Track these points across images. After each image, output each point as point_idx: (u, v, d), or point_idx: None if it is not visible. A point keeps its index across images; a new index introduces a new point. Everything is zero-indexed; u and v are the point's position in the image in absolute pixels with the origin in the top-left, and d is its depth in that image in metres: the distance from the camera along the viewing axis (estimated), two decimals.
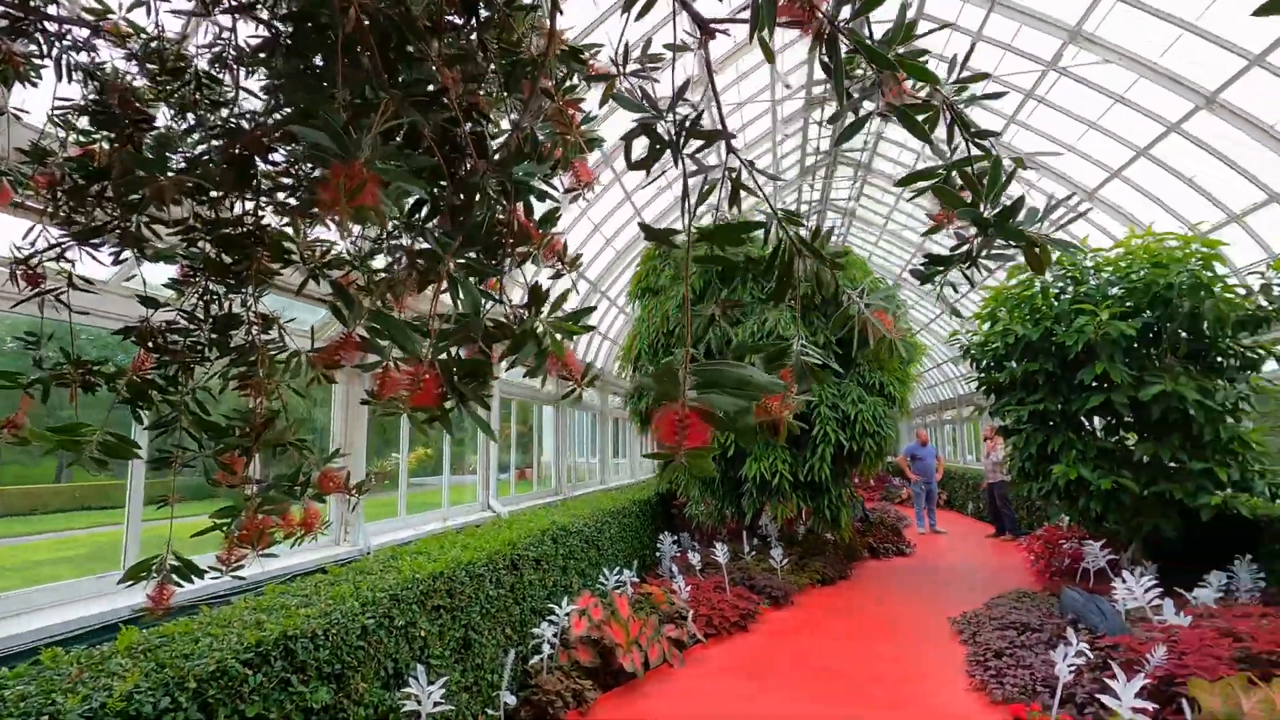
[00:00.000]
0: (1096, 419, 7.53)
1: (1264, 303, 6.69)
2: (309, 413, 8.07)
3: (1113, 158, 9.33)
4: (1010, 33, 8.58)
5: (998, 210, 0.85)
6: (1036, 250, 0.87)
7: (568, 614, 5.21)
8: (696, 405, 0.76)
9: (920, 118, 0.98)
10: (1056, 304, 7.41)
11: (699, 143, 1.07)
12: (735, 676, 5.43)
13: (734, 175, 1.22)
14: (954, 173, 1.04)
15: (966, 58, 1.01)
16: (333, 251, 1.98)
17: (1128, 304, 7.03)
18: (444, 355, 1.03)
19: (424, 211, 1.43)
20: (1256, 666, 4.17)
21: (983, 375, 8.32)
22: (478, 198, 1.20)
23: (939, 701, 4.89)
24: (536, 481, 10.91)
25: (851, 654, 5.92)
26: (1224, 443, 6.61)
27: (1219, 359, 6.96)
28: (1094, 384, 7.05)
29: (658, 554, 8.81)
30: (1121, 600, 5.67)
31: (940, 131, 1.16)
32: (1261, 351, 6.87)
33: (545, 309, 1.06)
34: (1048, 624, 5.87)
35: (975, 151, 1.01)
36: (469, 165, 1.22)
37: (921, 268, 1.03)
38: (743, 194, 1.26)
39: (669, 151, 1.05)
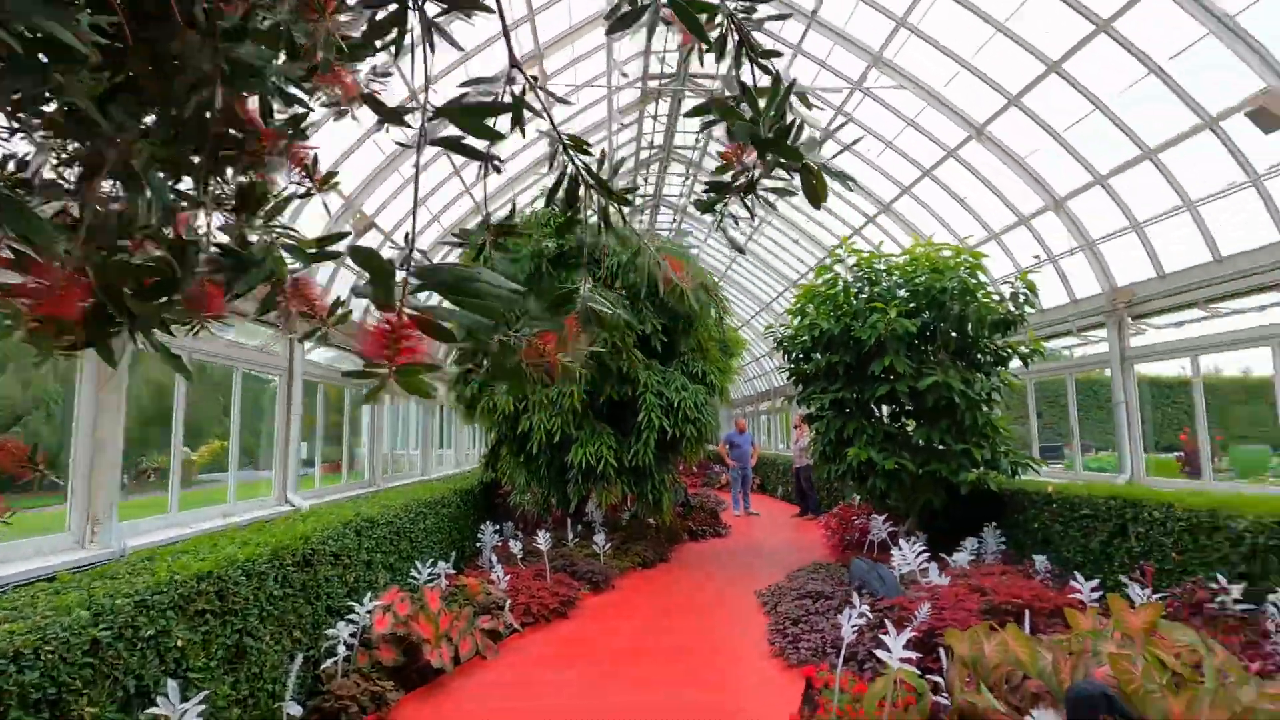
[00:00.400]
0: (885, 407, 8.41)
1: (1012, 309, 7.85)
2: (56, 395, 6.75)
3: (905, 175, 10.47)
4: (825, 50, 9.29)
5: (776, 127, 0.80)
6: (814, 179, 0.83)
7: (369, 611, 4.79)
8: (417, 314, 0.61)
9: (712, 37, 0.91)
10: (855, 302, 8.16)
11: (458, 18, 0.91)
12: (551, 664, 5.34)
13: (517, 92, 1.08)
14: (743, 104, 0.98)
15: None
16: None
17: (912, 304, 7.91)
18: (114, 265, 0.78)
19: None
20: (997, 615, 4.85)
21: (793, 366, 8.97)
22: (186, 80, 0.95)
23: (743, 671, 5.15)
24: (348, 474, 10.06)
25: (666, 632, 6.08)
26: (980, 427, 7.67)
27: (978, 355, 8.05)
28: (883, 375, 7.84)
29: (479, 544, 8.49)
30: (898, 566, 6.36)
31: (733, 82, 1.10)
32: (1010, 350, 8.05)
33: (260, 217, 0.85)
34: (838, 591, 6.44)
35: (763, 82, 0.96)
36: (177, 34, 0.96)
37: (703, 196, 0.96)
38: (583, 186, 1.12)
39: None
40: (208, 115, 0.97)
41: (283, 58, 1.09)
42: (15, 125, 1.28)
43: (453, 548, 7.99)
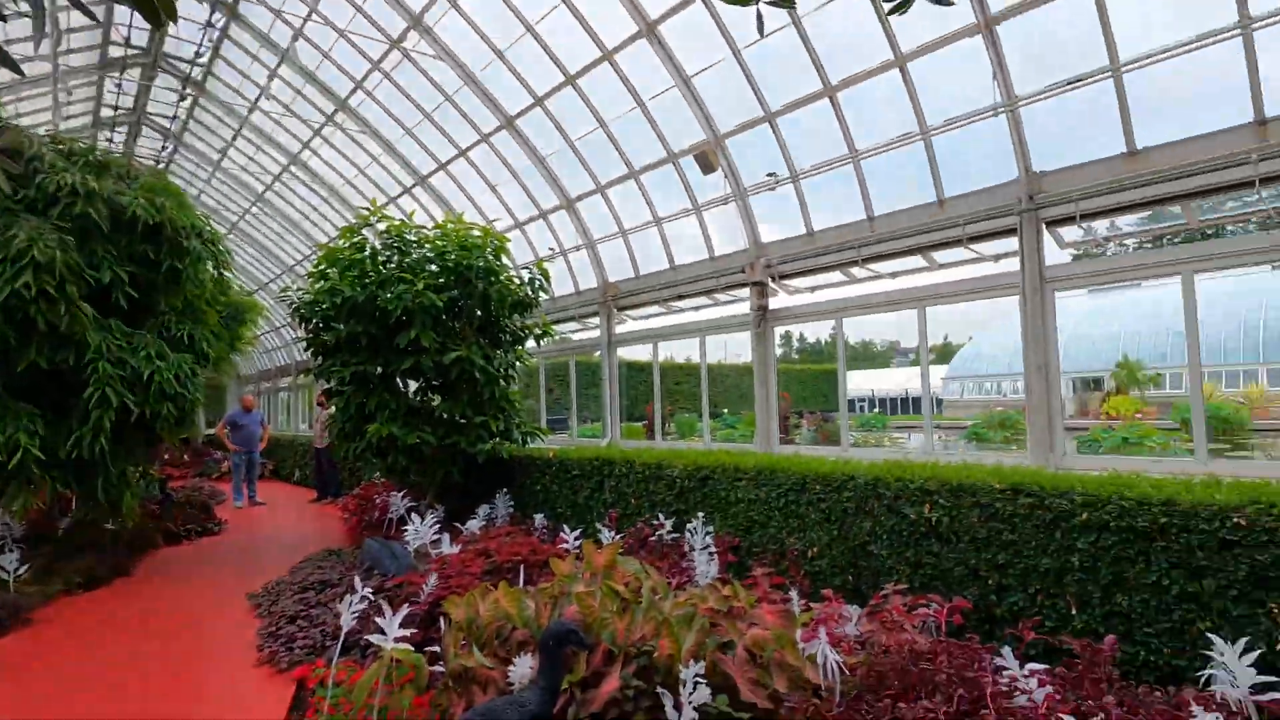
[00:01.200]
0: (410, 381, 8.25)
1: (530, 293, 8.60)
2: None
3: (442, 151, 10.48)
4: None
5: None
6: None
7: None
8: None
9: None
10: (383, 270, 7.77)
11: None
12: None
13: None
14: None
15: None
16: None
17: (441, 279, 7.92)
18: None
19: None
20: (500, 575, 5.16)
21: (312, 336, 8.07)
22: None
23: (221, 693, 4.32)
24: None
25: (108, 671, 4.70)
26: (497, 401, 8.19)
27: (499, 333, 8.57)
28: (409, 348, 7.66)
29: None
30: (412, 541, 6.28)
31: None
32: (527, 331, 8.81)
33: None
34: (348, 578, 6.01)
35: None
36: None
37: None
38: None
39: None
40: None
41: None
42: None
43: None
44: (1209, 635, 2.51)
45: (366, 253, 7.86)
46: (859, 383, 39.28)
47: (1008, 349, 29.03)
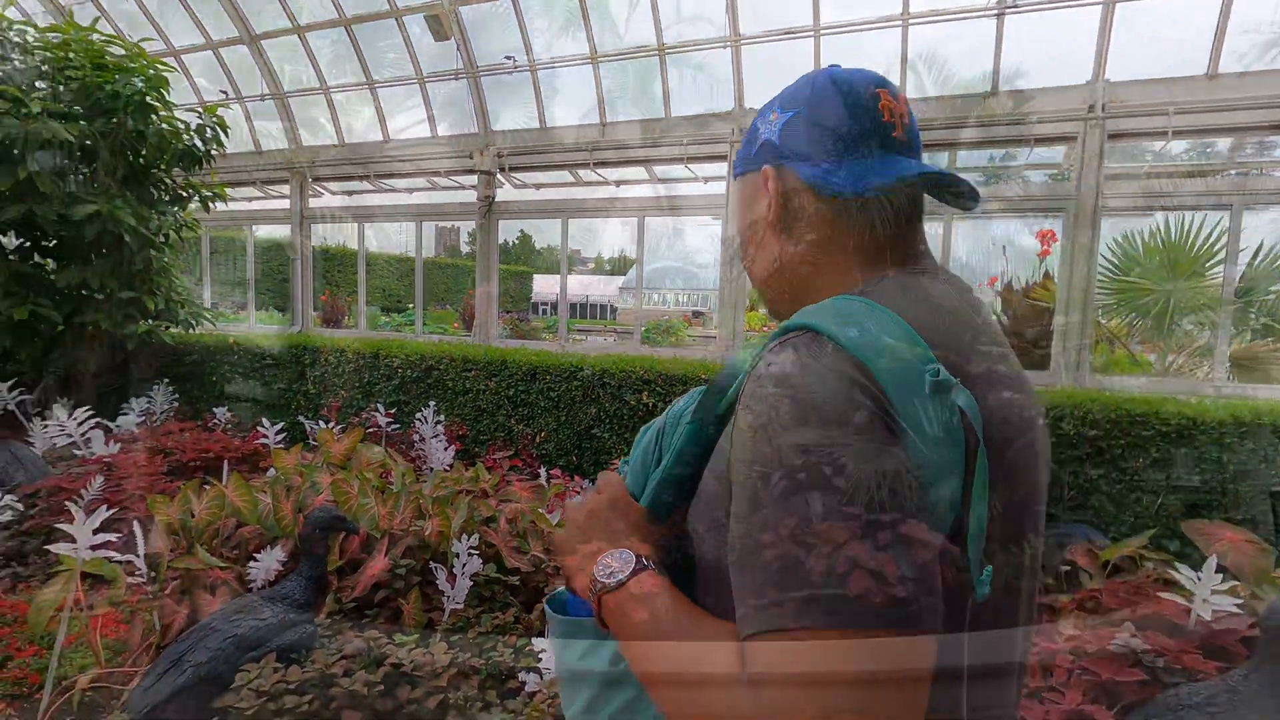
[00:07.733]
0: (14, 236, 6.21)
1: (200, 144, 6.98)
2: None
3: None
4: None
5: None
6: None
7: None
8: None
9: None
10: None
11: None
12: None
13: None
14: None
15: None
16: None
17: (66, 106, 5.95)
18: None
19: None
20: (188, 474, 4.45)
21: None
22: None
23: None
24: None
25: None
26: (153, 273, 6.66)
27: (154, 189, 6.86)
28: (11, 193, 5.69)
29: None
30: (42, 442, 4.97)
31: None
32: (192, 189, 7.18)
33: None
34: None
35: None
36: None
37: None
38: None
39: None
40: None
41: None
42: None
43: None
44: None
45: None
46: (542, 286, 40.79)
47: (670, 267, 32.95)
